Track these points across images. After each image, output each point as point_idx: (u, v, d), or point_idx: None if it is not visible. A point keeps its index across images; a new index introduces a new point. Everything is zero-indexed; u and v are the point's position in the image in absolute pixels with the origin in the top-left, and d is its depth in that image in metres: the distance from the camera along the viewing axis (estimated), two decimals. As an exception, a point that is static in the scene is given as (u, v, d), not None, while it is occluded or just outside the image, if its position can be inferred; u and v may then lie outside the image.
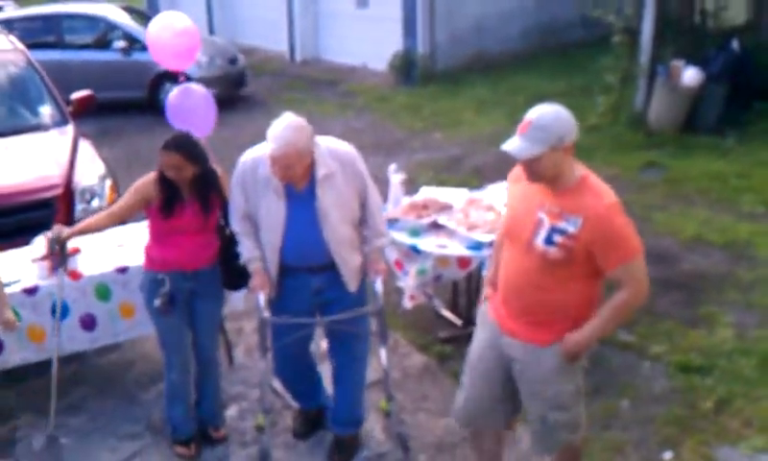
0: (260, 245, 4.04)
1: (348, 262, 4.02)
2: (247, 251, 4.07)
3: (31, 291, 4.59)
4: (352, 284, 4.06)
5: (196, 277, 4.23)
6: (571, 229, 3.18)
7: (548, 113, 3.18)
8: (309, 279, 4.02)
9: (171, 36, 6.09)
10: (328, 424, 4.47)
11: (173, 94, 6.28)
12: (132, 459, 4.47)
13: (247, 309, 4.84)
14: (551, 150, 3.14)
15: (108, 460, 4.44)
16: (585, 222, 3.16)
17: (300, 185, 3.89)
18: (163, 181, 4.16)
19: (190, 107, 6.19)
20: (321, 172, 3.87)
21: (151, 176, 4.22)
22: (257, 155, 3.93)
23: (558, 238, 3.20)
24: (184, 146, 4.12)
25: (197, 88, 6.36)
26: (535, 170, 3.20)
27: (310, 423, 4.55)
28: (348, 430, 4.24)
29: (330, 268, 3.99)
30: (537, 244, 3.25)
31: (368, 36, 14.45)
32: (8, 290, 4.39)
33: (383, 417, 4.44)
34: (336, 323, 4.09)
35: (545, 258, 3.23)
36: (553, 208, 3.24)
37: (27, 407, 4.96)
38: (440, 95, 12.38)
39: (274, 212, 3.93)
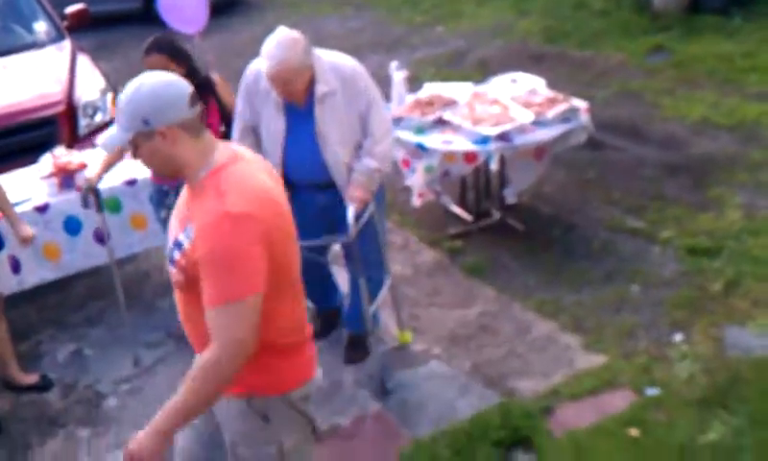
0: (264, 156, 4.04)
1: (347, 183, 3.92)
2: None
3: (42, 209, 4.62)
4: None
5: None
6: (186, 242, 2.33)
7: (129, 90, 2.32)
8: (315, 196, 3.98)
9: None
10: (343, 323, 4.55)
11: None
12: (155, 366, 4.58)
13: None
14: (140, 136, 2.32)
15: (132, 368, 4.54)
16: (196, 233, 2.28)
17: (300, 101, 3.82)
18: None
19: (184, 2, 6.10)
20: (320, 90, 3.77)
21: None
22: (259, 67, 3.85)
23: (176, 255, 2.37)
24: (166, 46, 4.08)
25: None
26: (142, 163, 2.45)
27: (327, 322, 4.62)
28: (362, 329, 4.32)
29: (334, 186, 3.93)
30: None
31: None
32: (19, 209, 4.42)
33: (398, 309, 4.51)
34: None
35: (175, 282, 2.47)
36: (185, 213, 2.42)
37: (48, 322, 5.06)
38: (438, -12, 12.13)
39: (273, 127, 3.89)
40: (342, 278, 4.59)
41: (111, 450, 3.99)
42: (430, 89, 5.67)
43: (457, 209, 5.75)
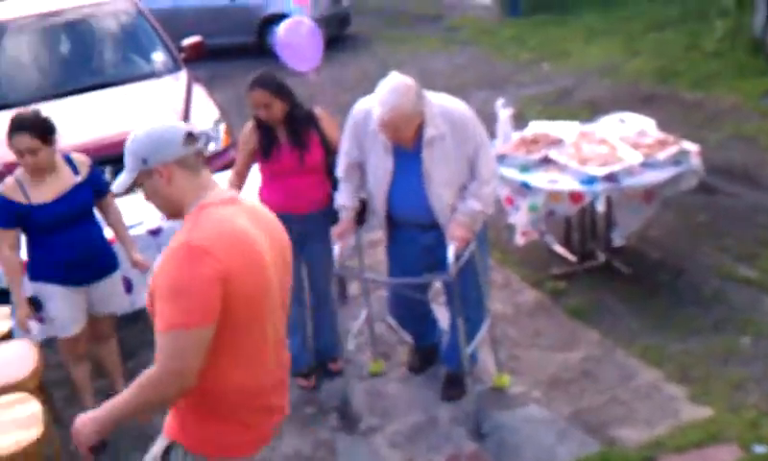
0: (367, 195, 4.09)
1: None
2: (341, 197, 4.11)
3: (155, 232, 4.80)
4: None
5: (305, 220, 4.29)
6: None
7: (132, 134, 2.53)
8: (417, 236, 4.01)
9: None
10: (441, 359, 4.52)
11: (282, 27, 6.35)
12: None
13: (359, 245, 4.90)
14: (142, 175, 2.48)
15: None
16: (159, 261, 2.45)
17: (409, 145, 3.85)
18: (259, 126, 4.25)
19: (298, 40, 6.24)
20: (429, 133, 3.80)
21: (249, 124, 4.33)
22: (368, 106, 3.90)
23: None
24: (268, 82, 4.18)
25: (305, 21, 6.38)
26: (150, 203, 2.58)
27: (424, 358, 4.61)
28: (459, 367, 4.25)
29: (438, 226, 3.94)
30: None
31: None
32: (133, 231, 4.58)
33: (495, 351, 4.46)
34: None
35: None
36: None
37: (151, 344, 5.18)
38: (547, 25, 12.08)
39: (381, 168, 3.94)
40: (443, 314, 4.57)
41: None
42: (536, 127, 5.63)
43: (561, 250, 5.66)
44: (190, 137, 2.50)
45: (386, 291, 4.48)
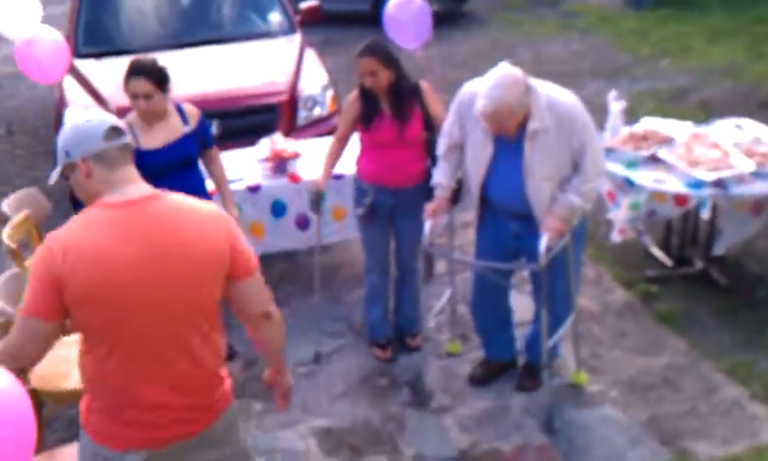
0: (464, 175, 4.05)
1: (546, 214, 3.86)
2: (438, 175, 4.08)
3: (254, 189, 4.91)
4: None
5: (397, 194, 4.31)
6: None
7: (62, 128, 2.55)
8: (509, 223, 3.96)
9: None
10: (516, 350, 4.47)
11: (391, 3, 6.35)
12: (333, 354, 4.74)
13: (451, 224, 4.88)
14: (66, 168, 2.49)
15: (310, 354, 4.71)
16: None
17: (511, 135, 3.78)
18: (363, 95, 4.26)
19: (406, 17, 6.23)
20: (532, 126, 3.71)
21: (354, 92, 4.35)
22: (475, 89, 3.82)
23: None
24: (378, 50, 4.20)
25: None
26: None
27: (490, 373, 4.44)
28: (538, 358, 4.21)
29: (530, 216, 3.87)
30: None
31: (599, -46, 13.77)
32: (233, 186, 4.69)
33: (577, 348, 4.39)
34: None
35: None
36: None
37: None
38: (670, 20, 11.67)
39: (480, 152, 3.88)
40: (526, 303, 4.53)
41: (280, 428, 4.17)
42: (647, 124, 5.48)
43: (658, 252, 5.51)
44: (113, 131, 2.48)
45: (471, 274, 4.43)
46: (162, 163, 4.12)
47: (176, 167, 4.17)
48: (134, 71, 4.10)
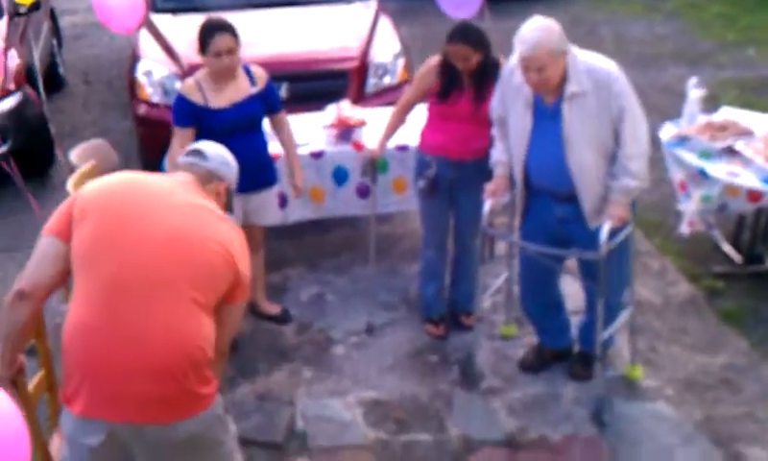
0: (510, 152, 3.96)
1: (590, 194, 3.72)
2: (496, 153, 4.02)
3: (317, 155, 4.91)
4: (594, 221, 3.75)
5: (460, 166, 4.25)
6: None
7: None
8: (553, 206, 3.85)
9: None
10: (570, 338, 4.38)
11: None
12: (385, 327, 4.72)
13: (513, 204, 4.82)
14: None
15: (363, 323, 4.71)
16: None
17: (549, 99, 3.69)
18: (444, 68, 4.20)
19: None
20: (570, 88, 3.62)
21: (432, 62, 4.28)
22: (515, 61, 3.76)
23: None
24: (471, 35, 4.12)
25: None
26: None
27: (543, 360, 4.37)
28: (593, 348, 4.10)
29: (574, 199, 3.75)
30: None
31: (691, -65, 13.32)
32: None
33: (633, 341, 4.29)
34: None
35: None
36: None
37: (301, 261, 5.38)
38: (760, 8, 11.19)
39: (520, 125, 3.80)
40: (577, 289, 4.41)
41: (328, 396, 4.19)
42: (726, 114, 5.30)
43: (727, 247, 5.33)
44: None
45: (518, 260, 4.31)
46: (229, 122, 4.15)
47: (241, 127, 4.20)
48: (219, 28, 4.15)
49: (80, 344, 2.48)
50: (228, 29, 4.16)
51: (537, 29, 3.58)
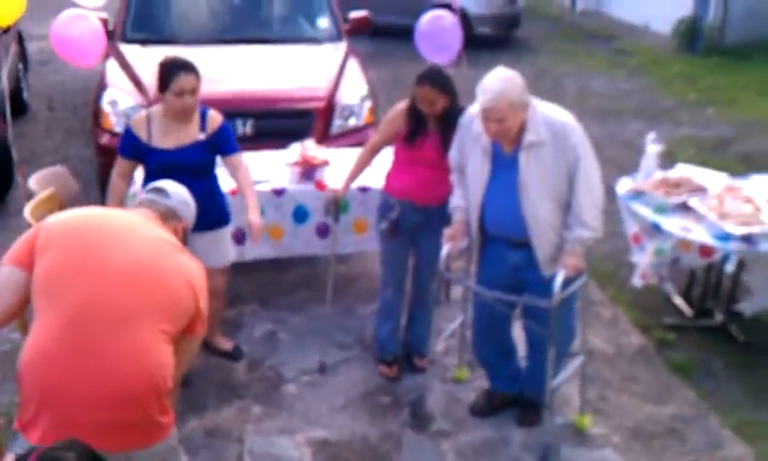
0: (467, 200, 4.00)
1: (544, 242, 3.77)
2: (455, 199, 4.07)
3: (279, 192, 4.92)
4: (547, 268, 3.80)
5: (423, 211, 4.30)
6: None
7: None
8: (507, 253, 3.90)
9: None
10: (521, 383, 4.37)
11: (423, 19, 6.34)
12: (338, 366, 4.72)
13: (471, 248, 4.87)
14: None
15: (316, 362, 4.70)
16: None
17: (507, 148, 3.76)
18: (412, 112, 4.25)
19: (437, 32, 6.23)
20: (528, 138, 3.68)
21: (400, 106, 4.34)
22: (476, 110, 3.82)
23: None
24: (438, 79, 4.18)
25: (445, 16, 6.35)
26: None
27: (494, 404, 4.37)
28: (540, 394, 4.11)
29: (528, 246, 3.79)
30: None
31: (656, -4, 13.72)
32: (258, 188, 4.66)
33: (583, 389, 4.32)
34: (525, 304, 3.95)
35: None
36: None
37: (255, 298, 5.36)
38: (721, 69, 11.54)
39: (478, 172, 3.86)
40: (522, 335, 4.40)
41: (277, 434, 4.15)
42: (682, 171, 5.42)
43: (678, 300, 5.43)
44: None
45: (472, 305, 4.34)
46: (168, 165, 4.02)
47: (182, 172, 3.84)
48: (183, 67, 4.06)
49: (39, 372, 2.48)
50: (191, 69, 4.07)
51: (499, 80, 3.64)
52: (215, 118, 4.24)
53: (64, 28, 5.88)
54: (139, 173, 4.36)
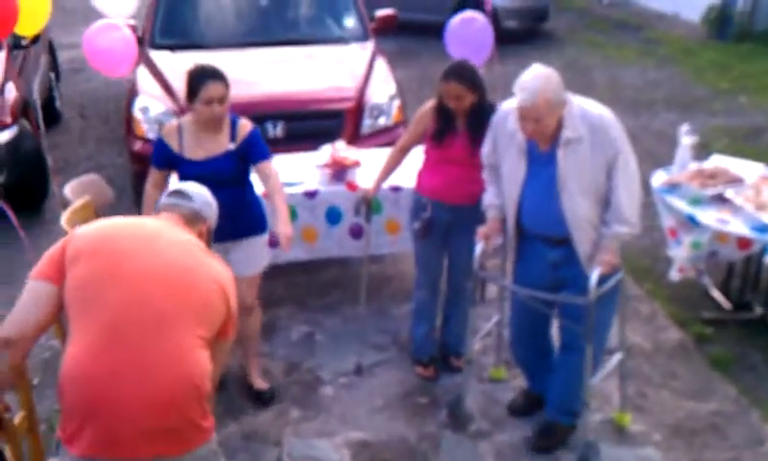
0: (503, 199, 3.96)
1: (585, 239, 3.71)
2: (488, 197, 4.02)
3: (311, 194, 4.93)
4: (588, 265, 3.73)
5: (455, 210, 4.28)
6: None
7: None
8: (545, 251, 3.83)
9: None
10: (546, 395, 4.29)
11: (454, 21, 6.31)
12: (374, 367, 4.72)
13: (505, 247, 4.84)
14: None
15: (352, 363, 4.71)
16: None
17: (543, 145, 3.70)
18: (440, 110, 4.23)
19: (469, 34, 6.20)
20: (565, 134, 3.61)
21: (428, 105, 4.32)
22: (510, 107, 3.78)
23: None
24: (465, 74, 4.13)
25: (476, 17, 6.32)
26: None
27: (532, 404, 4.33)
28: (558, 418, 4.09)
29: (567, 243, 3.74)
30: None
31: (685, -16, 13.54)
32: (290, 190, 4.70)
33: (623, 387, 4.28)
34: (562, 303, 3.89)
35: None
36: None
37: (291, 300, 5.38)
38: (754, 56, 11.35)
39: (513, 170, 3.81)
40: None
41: (315, 437, 4.17)
42: (717, 161, 5.35)
43: (716, 294, 5.36)
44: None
45: (509, 307, 4.29)
46: (199, 176, 3.75)
47: (213, 182, 3.56)
48: (212, 75, 3.97)
49: (81, 386, 2.50)
50: (220, 77, 3.99)
51: (536, 78, 3.57)
52: (245, 126, 4.14)
53: (97, 39, 5.93)
54: (174, 181, 4.37)
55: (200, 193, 3.03)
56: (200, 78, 3.99)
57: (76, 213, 4.36)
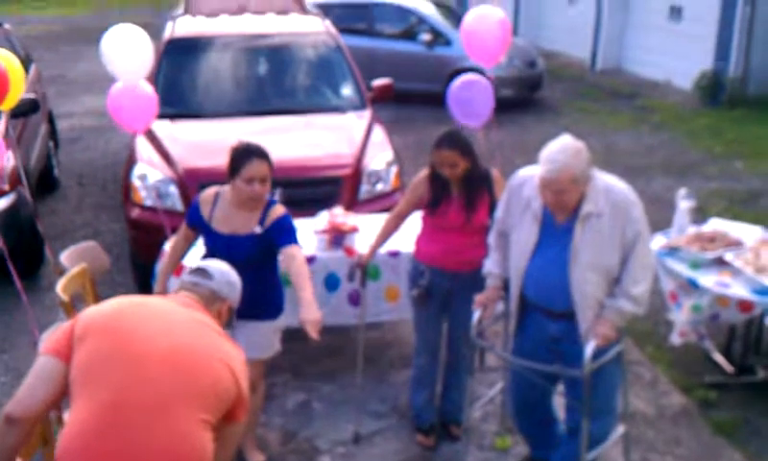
0: (507, 267, 3.89)
1: (589, 315, 3.59)
2: (489, 264, 3.96)
3: (309, 260, 4.87)
4: (587, 339, 3.62)
5: (454, 277, 4.25)
6: None
7: None
8: (547, 324, 3.74)
9: (488, 26, 6.13)
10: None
11: (457, 83, 6.37)
12: (373, 436, 4.63)
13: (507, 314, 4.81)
14: None
15: (350, 432, 4.62)
16: None
17: (561, 218, 3.63)
18: (434, 178, 4.24)
19: (471, 97, 6.25)
20: (586, 208, 3.55)
21: (423, 173, 4.33)
22: (527, 174, 3.74)
23: None
24: (458, 142, 4.15)
25: (479, 80, 6.40)
26: None
27: None
28: None
29: (569, 317, 3.64)
30: None
31: (675, 51, 13.73)
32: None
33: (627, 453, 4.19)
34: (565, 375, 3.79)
35: None
36: None
37: (285, 368, 5.29)
38: (747, 121, 11.47)
39: (525, 239, 3.72)
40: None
41: (315, 507, 4.07)
42: (715, 225, 5.36)
43: (719, 358, 5.31)
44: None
45: (508, 377, 4.21)
46: (218, 251, 3.85)
47: (232, 260, 3.45)
48: (256, 153, 3.89)
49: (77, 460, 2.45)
50: (264, 156, 3.89)
51: (564, 151, 3.49)
52: (276, 210, 4.02)
53: (120, 98, 5.91)
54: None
55: (221, 271, 3.01)
56: (244, 154, 3.88)
57: (72, 280, 4.33)
